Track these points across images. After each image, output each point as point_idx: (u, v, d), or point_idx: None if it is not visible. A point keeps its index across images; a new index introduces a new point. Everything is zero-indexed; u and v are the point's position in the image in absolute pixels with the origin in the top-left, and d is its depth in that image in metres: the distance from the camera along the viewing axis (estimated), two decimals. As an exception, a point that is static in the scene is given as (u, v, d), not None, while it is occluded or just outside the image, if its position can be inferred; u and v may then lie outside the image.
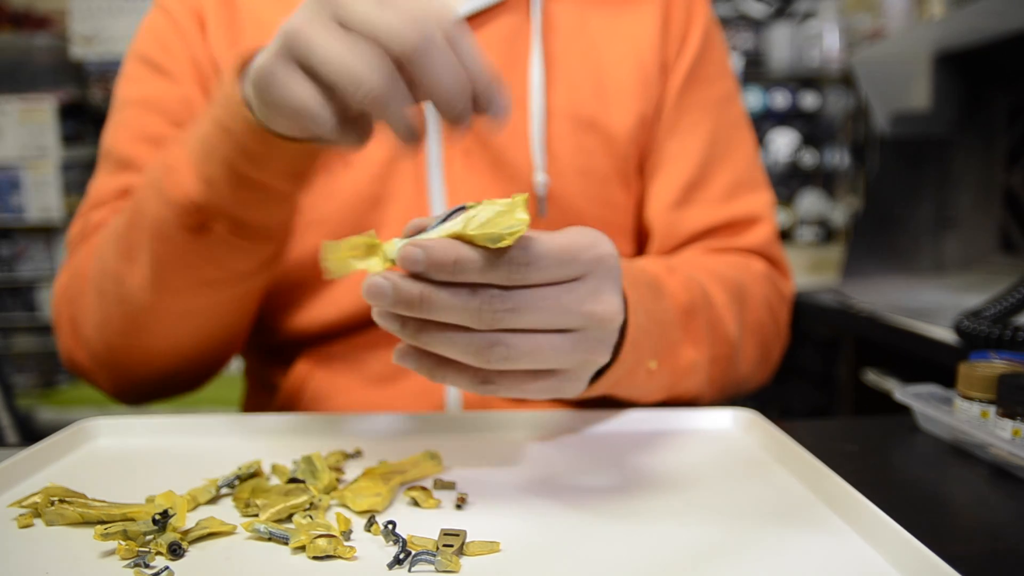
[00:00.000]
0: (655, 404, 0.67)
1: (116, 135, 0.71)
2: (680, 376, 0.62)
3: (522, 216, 0.39)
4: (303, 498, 0.44)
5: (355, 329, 0.70)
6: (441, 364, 0.43)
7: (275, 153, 0.52)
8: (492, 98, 0.44)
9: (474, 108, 0.44)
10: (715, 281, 0.67)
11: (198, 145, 0.55)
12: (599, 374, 0.52)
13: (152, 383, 0.68)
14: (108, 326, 0.64)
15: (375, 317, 0.42)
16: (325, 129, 0.44)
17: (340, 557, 0.39)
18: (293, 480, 0.47)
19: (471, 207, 0.41)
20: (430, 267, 0.39)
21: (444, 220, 0.41)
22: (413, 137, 0.44)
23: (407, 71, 0.42)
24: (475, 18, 0.70)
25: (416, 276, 0.40)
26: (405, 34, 0.40)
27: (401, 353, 0.44)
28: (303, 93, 0.44)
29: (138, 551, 0.39)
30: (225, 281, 0.61)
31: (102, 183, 0.71)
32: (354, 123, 0.47)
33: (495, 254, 0.40)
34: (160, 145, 0.68)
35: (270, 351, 0.74)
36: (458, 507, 0.45)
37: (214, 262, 0.59)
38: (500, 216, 0.39)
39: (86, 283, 0.65)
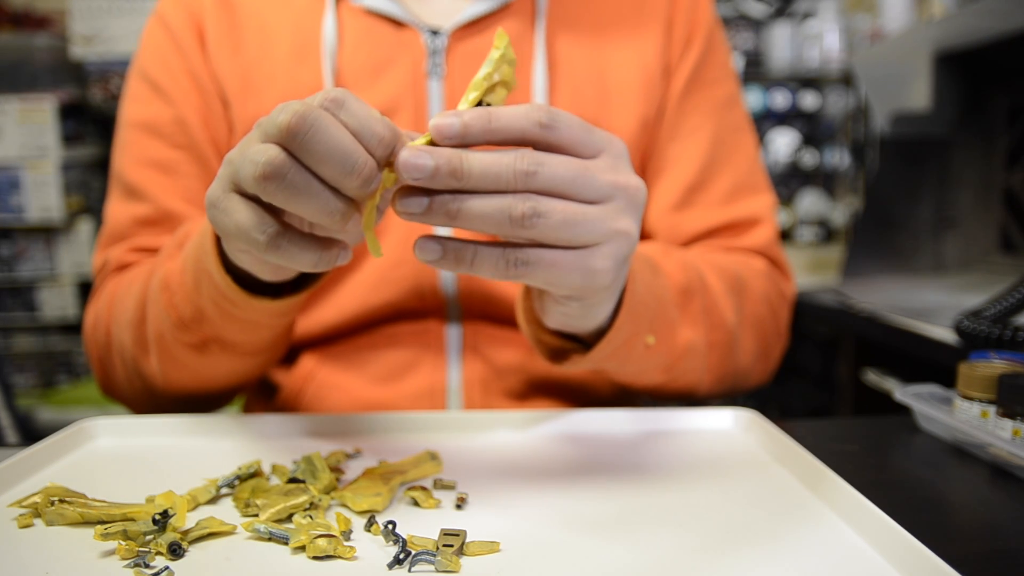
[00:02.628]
0: (653, 389, 0.67)
1: (122, 158, 0.73)
2: (678, 357, 0.62)
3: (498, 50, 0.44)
4: (303, 498, 0.44)
5: (358, 331, 0.71)
6: (467, 250, 0.42)
7: (252, 303, 0.53)
8: (388, 151, 0.41)
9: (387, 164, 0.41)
10: (712, 270, 0.67)
11: (190, 276, 0.56)
12: (595, 342, 0.52)
13: (184, 407, 0.69)
14: (132, 385, 0.67)
15: (397, 207, 0.41)
16: (261, 244, 0.43)
17: (340, 557, 0.39)
18: (293, 480, 0.47)
19: None
20: (467, 126, 0.40)
21: None
22: (339, 216, 0.41)
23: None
24: (480, 22, 0.70)
25: None
26: (280, 119, 0.39)
27: (423, 243, 0.42)
28: (238, 215, 0.43)
29: (138, 551, 0.39)
30: (235, 371, 0.64)
31: (115, 211, 0.72)
32: (314, 243, 0.44)
33: (525, 114, 0.41)
34: (163, 169, 0.70)
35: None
36: (458, 507, 0.45)
37: (217, 368, 0.62)
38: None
39: (110, 339, 0.67)
